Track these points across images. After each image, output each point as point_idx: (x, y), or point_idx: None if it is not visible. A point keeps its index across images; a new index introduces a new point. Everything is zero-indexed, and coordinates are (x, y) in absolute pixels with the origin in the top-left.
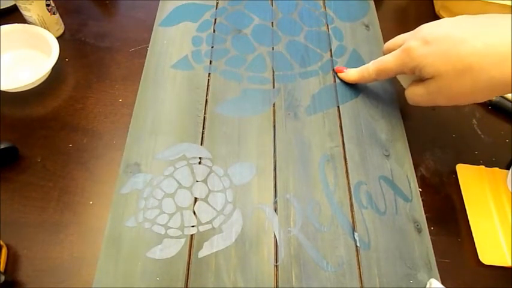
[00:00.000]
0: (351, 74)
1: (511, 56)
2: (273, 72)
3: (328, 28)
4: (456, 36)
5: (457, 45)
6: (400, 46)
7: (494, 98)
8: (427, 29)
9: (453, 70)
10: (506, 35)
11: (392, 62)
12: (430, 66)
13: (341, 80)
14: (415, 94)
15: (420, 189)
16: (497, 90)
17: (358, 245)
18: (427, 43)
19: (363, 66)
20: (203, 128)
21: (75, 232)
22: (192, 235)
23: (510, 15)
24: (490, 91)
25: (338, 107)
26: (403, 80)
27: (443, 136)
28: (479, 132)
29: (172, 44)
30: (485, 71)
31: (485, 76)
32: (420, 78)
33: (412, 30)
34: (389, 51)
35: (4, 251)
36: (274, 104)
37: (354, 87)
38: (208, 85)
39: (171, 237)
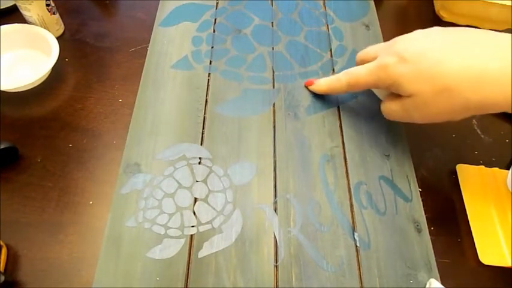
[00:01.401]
0: (321, 84)
1: (485, 78)
2: (273, 72)
3: (328, 28)
4: (433, 55)
5: (434, 65)
6: (373, 57)
7: None
8: (402, 44)
9: (430, 91)
10: (481, 56)
11: (366, 76)
12: (408, 85)
13: (312, 92)
14: (391, 110)
15: (420, 189)
16: (474, 112)
17: (358, 245)
18: (404, 61)
19: (333, 76)
20: (203, 128)
21: (75, 232)
22: (192, 235)
23: (482, 30)
24: (467, 112)
25: (338, 107)
26: (378, 92)
27: (443, 136)
28: (479, 132)
29: (172, 44)
30: (462, 93)
31: (462, 98)
32: (396, 93)
33: (412, 30)
34: (362, 62)
35: (4, 251)
36: (274, 104)
37: None
38: (208, 85)
39: (171, 237)
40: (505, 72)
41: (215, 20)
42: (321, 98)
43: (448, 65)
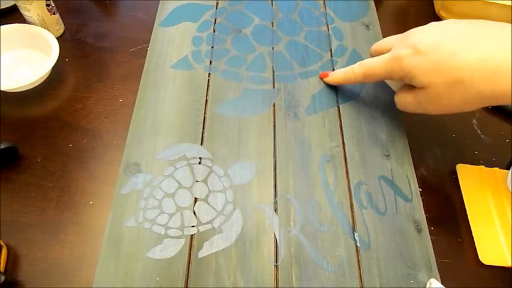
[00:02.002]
0: (336, 75)
1: (499, 70)
2: (273, 72)
3: (328, 28)
4: (447, 48)
5: (448, 57)
6: (388, 49)
7: None
8: (416, 36)
9: (444, 82)
10: (495, 48)
11: (380, 68)
12: (421, 77)
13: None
14: (405, 101)
15: (420, 189)
16: (487, 103)
17: (358, 245)
18: (418, 53)
19: (348, 67)
20: (203, 128)
21: (75, 232)
22: (192, 235)
23: (496, 23)
24: (480, 103)
25: (338, 107)
26: (392, 84)
27: (443, 136)
28: (479, 132)
29: (172, 44)
30: (475, 85)
31: (475, 90)
32: (409, 85)
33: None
34: (377, 53)
35: (4, 251)
36: (274, 104)
37: (354, 87)
38: (208, 85)
39: (171, 237)
40: None
41: (215, 20)
42: (321, 98)
43: (461, 57)
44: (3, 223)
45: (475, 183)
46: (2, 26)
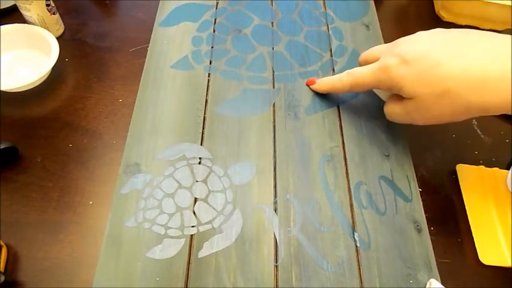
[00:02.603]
0: (323, 83)
1: (486, 81)
2: (273, 72)
3: (328, 28)
4: (433, 57)
5: (433, 67)
6: (376, 58)
7: None
8: (404, 45)
9: (431, 93)
10: (482, 58)
11: (368, 77)
12: (409, 88)
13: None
14: (394, 112)
15: (420, 189)
16: (477, 114)
17: (358, 245)
18: (405, 62)
19: (336, 76)
20: (203, 128)
21: (75, 232)
22: (192, 235)
23: (484, 32)
24: (469, 114)
25: (338, 107)
26: (380, 93)
27: (443, 136)
28: (479, 132)
29: (172, 44)
30: (462, 96)
31: (462, 100)
32: (398, 95)
33: (412, 30)
34: (366, 62)
35: (4, 251)
36: (274, 104)
37: None
38: (208, 85)
39: (171, 237)
40: (505, 75)
41: (215, 20)
42: (321, 98)
43: (448, 68)
44: (3, 223)
45: (475, 184)
46: (2, 26)
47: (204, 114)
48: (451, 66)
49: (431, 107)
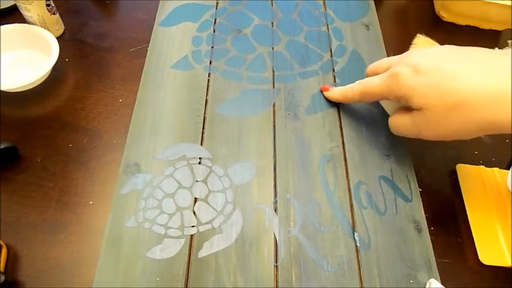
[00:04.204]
0: (336, 93)
1: (503, 98)
2: (273, 72)
3: (328, 28)
4: (448, 70)
5: (448, 79)
6: (385, 69)
7: None
8: (417, 56)
9: (443, 105)
10: (499, 75)
11: (378, 86)
12: (419, 98)
13: (326, 98)
14: (400, 124)
15: (420, 189)
16: (487, 131)
17: (358, 245)
18: (417, 72)
19: (348, 86)
20: (203, 128)
21: (75, 232)
22: (192, 235)
23: (496, 51)
24: (480, 131)
25: (338, 107)
26: (387, 107)
27: None
28: None
29: (172, 44)
30: (477, 110)
31: (476, 115)
32: (405, 107)
33: (412, 30)
34: (373, 73)
35: (4, 251)
36: (274, 104)
37: None
38: (208, 85)
39: (171, 237)
40: None
41: (215, 20)
42: (321, 98)
43: (465, 80)
44: (3, 223)
45: (475, 183)
46: (2, 26)
47: (204, 114)
48: (468, 79)
49: (441, 120)
